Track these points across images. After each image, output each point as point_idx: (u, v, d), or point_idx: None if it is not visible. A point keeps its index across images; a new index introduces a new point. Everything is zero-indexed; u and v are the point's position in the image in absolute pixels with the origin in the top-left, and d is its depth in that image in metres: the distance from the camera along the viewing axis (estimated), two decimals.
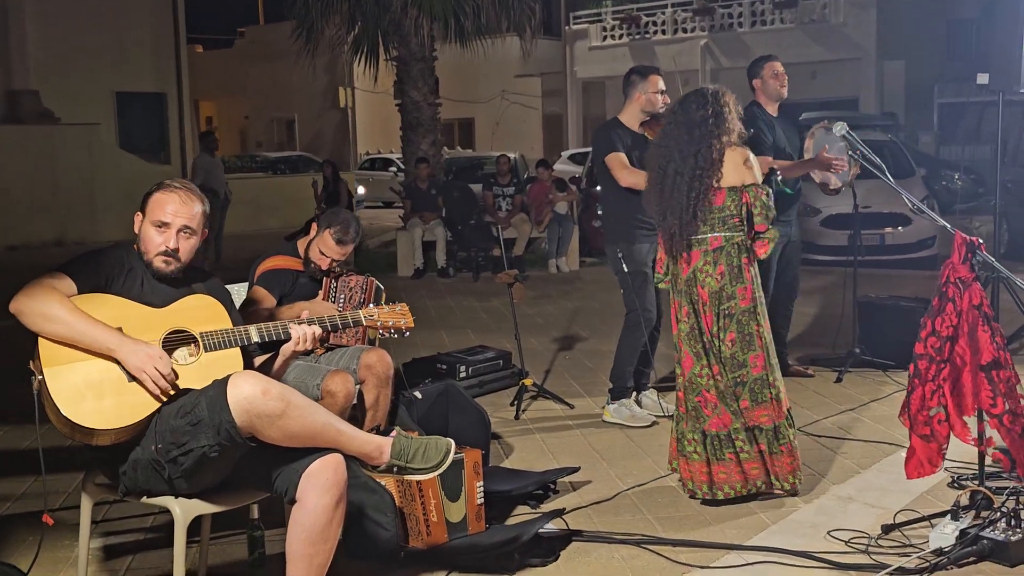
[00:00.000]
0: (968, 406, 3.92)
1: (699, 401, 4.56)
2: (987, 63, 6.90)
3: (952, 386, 3.96)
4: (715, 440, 4.52)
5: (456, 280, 12.55)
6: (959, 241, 4.04)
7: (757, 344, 4.55)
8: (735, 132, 4.62)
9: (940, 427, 4.04)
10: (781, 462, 4.52)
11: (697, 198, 4.54)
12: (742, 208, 4.57)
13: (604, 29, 30.40)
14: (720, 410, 4.52)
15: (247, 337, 3.30)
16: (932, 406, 4.01)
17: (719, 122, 4.58)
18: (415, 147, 14.64)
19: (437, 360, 6.76)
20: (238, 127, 39.13)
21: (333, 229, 4.78)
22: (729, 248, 4.57)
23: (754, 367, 4.53)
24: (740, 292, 4.56)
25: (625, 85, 5.92)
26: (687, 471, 4.59)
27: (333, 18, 14.44)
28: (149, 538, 4.29)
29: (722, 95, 4.65)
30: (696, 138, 4.57)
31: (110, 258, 3.29)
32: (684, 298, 4.65)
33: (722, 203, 4.56)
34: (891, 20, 26.03)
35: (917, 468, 4.11)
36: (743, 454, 4.49)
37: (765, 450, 4.51)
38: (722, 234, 4.57)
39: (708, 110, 4.59)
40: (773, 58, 6.63)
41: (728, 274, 4.56)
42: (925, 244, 11.99)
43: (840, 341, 7.24)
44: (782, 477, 4.53)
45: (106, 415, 3.03)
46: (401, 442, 3.34)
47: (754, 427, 4.52)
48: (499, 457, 5.31)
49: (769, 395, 4.53)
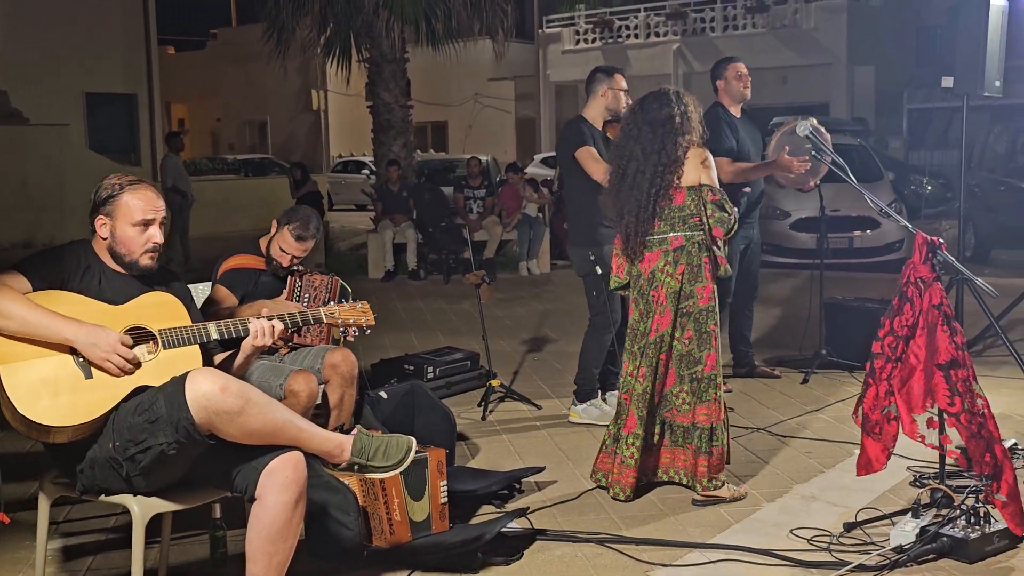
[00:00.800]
0: (917, 404, 3.95)
1: (626, 399, 4.66)
2: (952, 68, 6.94)
3: (901, 383, 3.99)
4: (620, 439, 4.63)
5: (427, 282, 12.54)
6: (920, 241, 4.07)
7: (711, 343, 4.59)
8: (696, 132, 4.64)
9: (889, 426, 4.08)
10: (708, 463, 4.55)
11: (658, 195, 4.56)
12: (702, 208, 4.58)
13: (577, 33, 30.48)
14: (628, 412, 4.62)
15: (206, 334, 3.28)
16: (884, 404, 4.04)
17: (683, 121, 4.60)
18: (386, 149, 14.63)
19: (405, 361, 6.75)
20: (210, 129, 38.95)
21: (292, 225, 4.76)
22: (690, 247, 4.58)
23: (707, 365, 4.58)
24: (699, 291, 4.58)
25: (589, 83, 5.92)
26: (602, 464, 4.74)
27: (304, 19, 14.42)
28: (110, 538, 4.26)
29: (683, 95, 4.69)
30: (660, 135, 4.58)
31: (67, 256, 3.26)
32: (640, 299, 4.68)
33: (682, 202, 4.58)
34: (861, 26, 26.25)
35: (865, 466, 4.16)
36: (630, 460, 4.58)
37: (694, 448, 4.58)
38: (682, 233, 4.59)
39: (674, 109, 4.61)
40: (736, 60, 6.65)
41: (688, 273, 4.58)
42: (893, 247, 12.09)
43: (807, 343, 7.28)
44: (704, 476, 4.55)
45: (63, 412, 3.01)
46: (362, 440, 3.33)
47: (691, 425, 4.58)
48: (465, 457, 5.30)
49: (713, 395, 4.57)
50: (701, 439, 4.56)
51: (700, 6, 28.55)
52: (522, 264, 13.11)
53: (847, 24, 26.17)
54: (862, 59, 26.35)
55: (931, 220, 15.75)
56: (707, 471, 4.54)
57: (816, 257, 7.45)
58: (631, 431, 4.59)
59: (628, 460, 4.58)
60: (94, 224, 3.32)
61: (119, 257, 3.31)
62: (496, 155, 25.83)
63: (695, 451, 4.57)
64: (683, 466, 4.65)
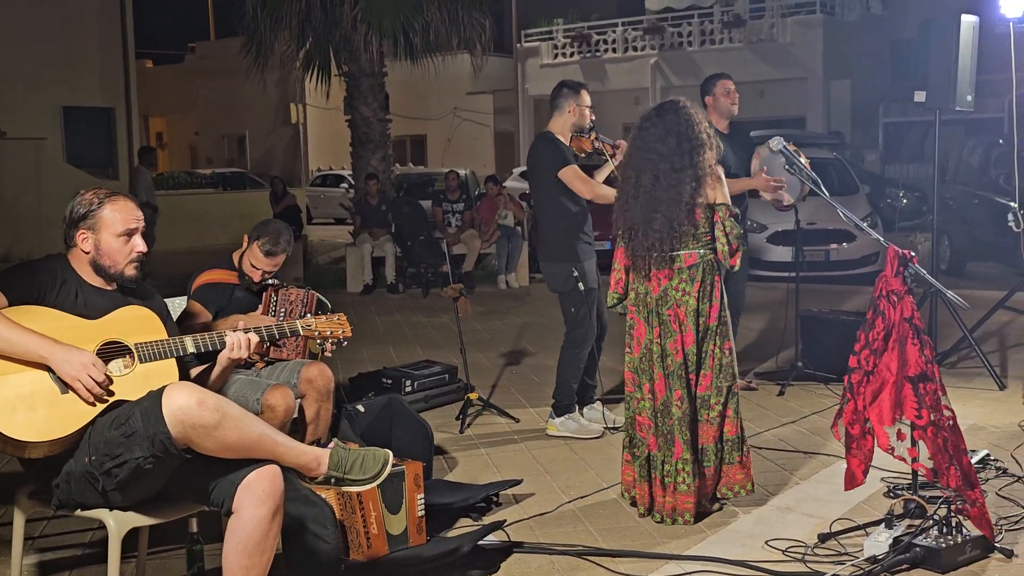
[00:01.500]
0: (887, 416, 3.99)
1: (671, 424, 4.48)
2: (925, 83, 7.02)
3: (873, 397, 4.03)
4: (669, 466, 4.48)
5: (405, 296, 12.54)
6: (891, 254, 4.12)
7: (708, 364, 4.53)
8: (716, 148, 4.56)
9: (865, 440, 4.12)
10: (744, 472, 4.57)
11: (689, 212, 4.45)
12: (712, 226, 4.52)
13: (555, 47, 30.58)
14: (674, 438, 4.46)
15: (183, 348, 3.29)
16: (864, 418, 4.09)
17: (708, 136, 4.50)
18: (365, 163, 14.64)
19: (382, 375, 6.76)
20: (188, 143, 38.84)
21: (262, 240, 4.75)
22: (704, 265, 4.51)
23: (699, 386, 4.54)
24: (708, 310, 4.53)
25: (555, 98, 5.93)
26: (646, 494, 4.54)
27: (283, 33, 14.39)
28: (87, 553, 4.25)
29: (698, 109, 4.60)
30: (688, 151, 4.44)
31: (42, 270, 3.27)
32: (655, 319, 4.54)
33: (699, 219, 4.50)
34: (837, 41, 26.45)
35: (850, 480, 4.19)
36: (689, 487, 4.44)
37: (736, 460, 4.56)
38: (697, 251, 4.51)
39: (701, 125, 4.49)
40: (725, 76, 6.69)
41: (702, 291, 4.51)
42: (869, 260, 12.19)
43: (783, 355, 7.33)
44: (748, 482, 4.59)
45: (38, 427, 3.01)
46: (339, 453, 3.33)
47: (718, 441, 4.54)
48: (443, 471, 5.31)
49: (705, 416, 4.53)
50: (731, 451, 4.56)
51: (677, 21, 28.71)
52: (500, 277, 13.14)
53: (823, 39, 26.37)
54: (838, 73, 26.55)
55: (907, 233, 15.89)
56: (744, 478, 4.56)
57: (793, 270, 7.51)
58: (679, 457, 4.43)
59: (682, 487, 4.43)
60: (75, 239, 3.32)
61: (103, 269, 3.32)
62: (475, 169, 25.86)
63: (734, 463, 4.56)
64: (737, 480, 4.58)
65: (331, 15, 14.06)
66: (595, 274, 5.89)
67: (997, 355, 7.67)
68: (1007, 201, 7.32)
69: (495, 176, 15.63)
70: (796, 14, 27.16)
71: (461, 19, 14.21)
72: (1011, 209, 7.20)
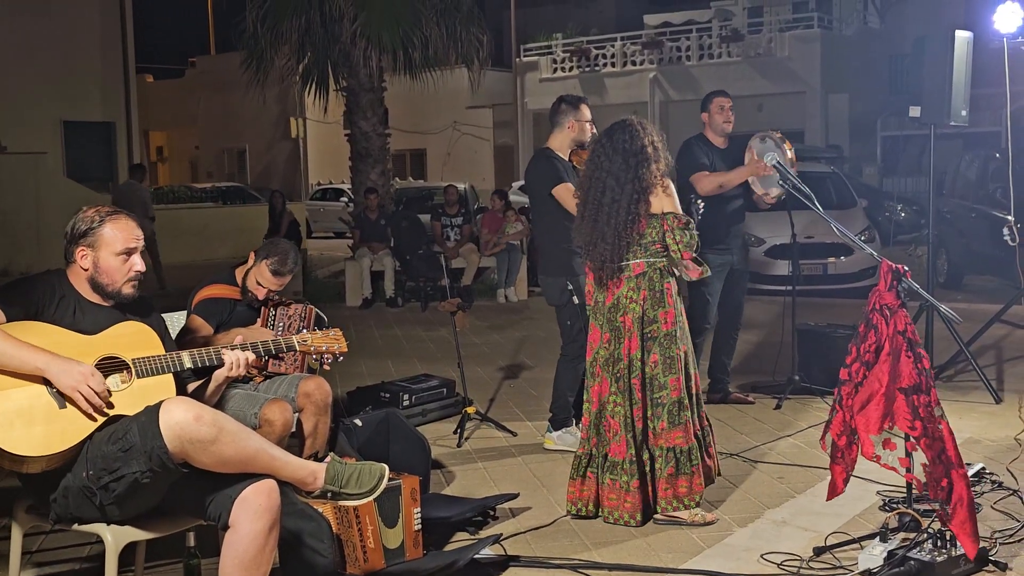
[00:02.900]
0: (874, 425, 4.01)
1: (605, 426, 4.69)
2: (920, 97, 7.07)
3: (860, 406, 4.06)
4: (612, 465, 4.64)
5: (404, 310, 12.57)
6: (885, 269, 4.15)
7: (677, 367, 4.65)
8: (664, 161, 4.74)
9: (850, 449, 4.14)
10: (689, 483, 4.59)
11: (632, 223, 4.64)
12: (663, 235, 4.66)
13: (554, 61, 30.71)
14: (620, 438, 4.63)
15: (180, 363, 3.32)
16: (846, 430, 4.11)
17: (654, 150, 4.70)
18: (364, 177, 14.68)
19: (380, 388, 6.77)
20: (188, 157, 38.93)
21: (270, 260, 4.77)
22: (651, 273, 4.67)
23: (673, 389, 4.63)
24: (662, 316, 4.66)
25: (554, 114, 5.98)
26: (578, 491, 4.71)
27: (283, 48, 14.46)
28: (84, 568, 4.26)
29: (647, 125, 4.80)
30: (633, 165, 4.67)
31: (40, 285, 3.29)
32: (606, 325, 4.75)
33: (644, 230, 4.67)
34: (835, 55, 26.57)
35: (832, 490, 4.22)
36: (628, 486, 4.59)
37: (673, 472, 4.59)
38: (644, 260, 4.68)
39: (644, 139, 4.71)
40: (722, 94, 6.74)
41: (651, 298, 4.66)
42: (867, 274, 12.20)
43: (780, 368, 7.35)
44: (686, 497, 4.59)
45: (36, 442, 3.03)
46: (335, 467, 3.36)
47: (670, 448, 4.61)
48: (440, 485, 5.33)
49: (684, 417, 4.63)
50: (680, 461, 4.59)
51: (676, 35, 28.85)
52: (500, 292, 13.16)
53: (821, 53, 26.50)
54: (836, 87, 26.66)
55: (904, 246, 15.92)
56: (688, 491, 4.58)
57: (791, 283, 7.53)
58: (624, 456, 4.60)
59: (626, 485, 4.59)
60: (75, 255, 3.35)
61: (101, 287, 3.34)
62: (475, 183, 25.93)
63: (673, 474, 4.59)
64: (683, 493, 4.62)
65: (331, 30, 14.13)
66: None
67: (994, 368, 7.68)
68: (1003, 215, 7.36)
69: (502, 191, 15.69)
70: (794, 28, 27.30)
71: (459, 34, 14.28)
72: (1007, 222, 7.23)
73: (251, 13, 14.31)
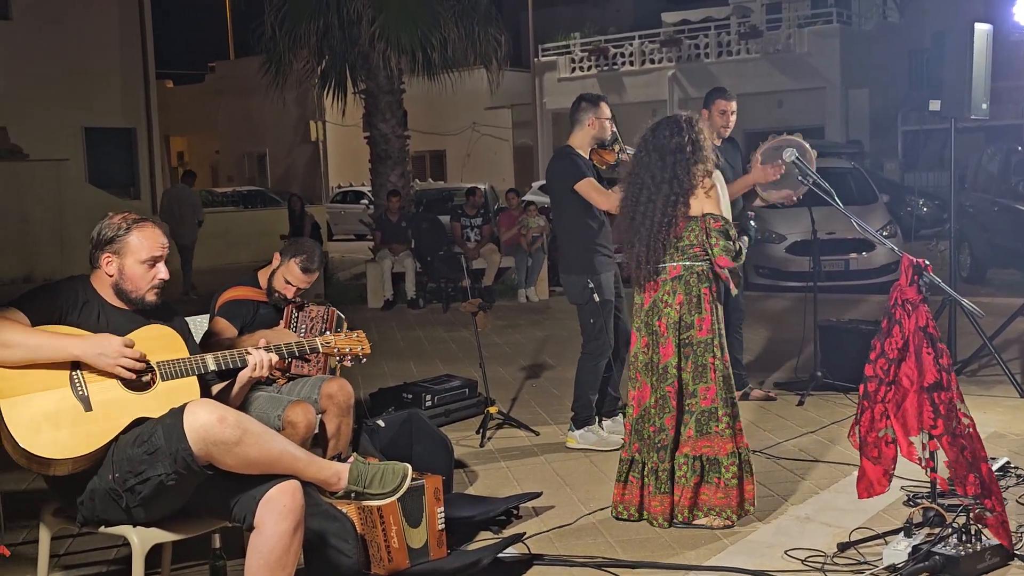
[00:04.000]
0: (913, 426, 4.00)
1: (652, 430, 4.60)
2: (940, 91, 7.03)
3: (897, 407, 4.04)
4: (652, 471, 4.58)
5: (426, 311, 12.59)
6: (906, 263, 4.13)
7: (710, 376, 4.55)
8: (710, 161, 4.60)
9: (887, 448, 4.12)
10: (711, 493, 4.52)
11: (669, 224, 4.52)
12: (703, 237, 4.55)
13: (573, 61, 30.70)
14: (634, 437, 4.63)
15: (204, 365, 3.34)
16: (880, 427, 4.09)
17: (695, 149, 4.55)
18: (384, 179, 14.73)
19: (403, 389, 6.79)
20: (209, 162, 39.12)
21: (299, 258, 4.82)
22: (688, 277, 4.56)
23: (703, 399, 4.55)
24: (698, 322, 4.56)
25: (574, 112, 5.98)
26: (619, 495, 4.66)
27: (301, 51, 14.52)
28: (111, 570, 4.30)
29: (696, 122, 4.64)
30: (670, 164, 4.54)
31: (64, 291, 3.33)
32: (644, 329, 4.65)
33: (681, 232, 4.56)
34: (854, 50, 26.44)
35: (867, 489, 4.19)
36: (655, 486, 4.55)
37: (698, 482, 4.53)
38: (681, 263, 4.57)
39: (684, 137, 4.56)
40: (725, 95, 6.60)
41: (687, 303, 4.56)
42: (888, 269, 12.14)
43: (802, 365, 7.33)
44: (705, 505, 4.53)
45: (63, 445, 3.06)
46: (359, 467, 3.38)
47: (696, 457, 4.54)
48: (463, 484, 5.34)
49: (715, 428, 4.53)
50: (706, 470, 4.54)
51: (694, 33, 28.78)
52: (521, 291, 13.18)
53: (840, 48, 26.38)
54: (856, 82, 26.53)
55: (927, 241, 15.84)
56: (708, 500, 4.51)
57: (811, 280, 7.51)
58: (657, 464, 4.56)
59: (656, 491, 4.54)
60: (100, 261, 3.38)
61: (124, 294, 3.37)
62: (494, 183, 25.97)
63: (698, 483, 4.53)
64: (718, 503, 4.54)
65: (349, 33, 14.18)
66: (612, 286, 5.91)
67: (1018, 362, 7.63)
68: None
69: (516, 189, 15.70)
70: (813, 24, 27.18)
71: (477, 35, 14.30)
72: None
73: (269, 17, 14.38)
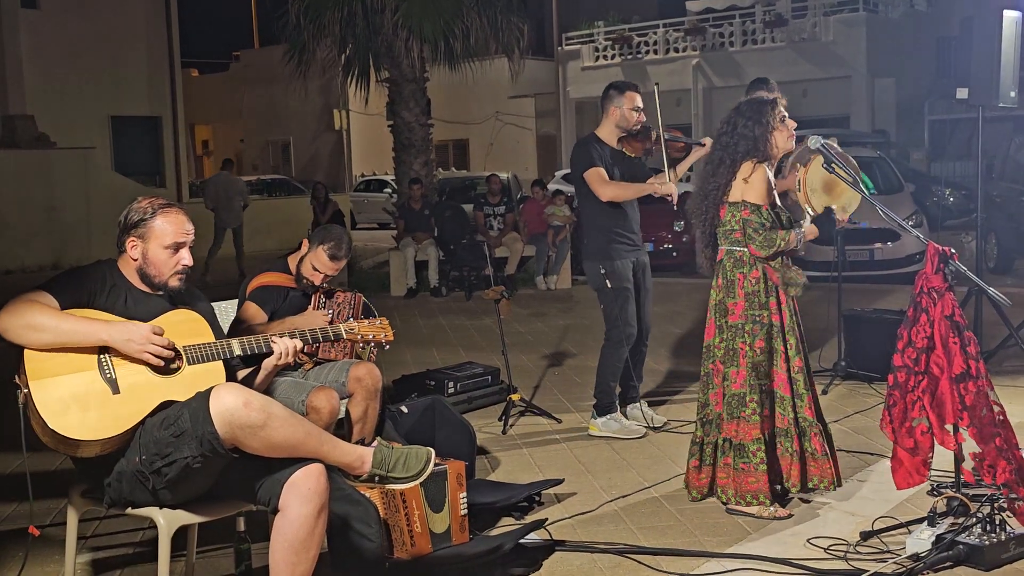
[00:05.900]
0: (948, 413, 3.98)
1: (699, 405, 4.74)
2: (968, 79, 6.99)
3: (931, 397, 4.03)
4: (737, 448, 4.58)
5: (448, 299, 12.62)
6: (931, 252, 4.11)
7: (739, 361, 4.56)
8: (771, 148, 4.60)
9: (923, 438, 4.11)
10: (738, 480, 4.53)
11: (716, 207, 4.64)
12: (742, 224, 4.57)
13: (596, 49, 30.58)
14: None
15: (230, 350, 3.37)
16: (915, 417, 4.08)
17: (760, 139, 4.56)
18: (407, 168, 14.74)
19: (426, 376, 6.82)
20: (234, 150, 39.24)
21: (327, 245, 4.86)
22: (727, 261, 4.63)
23: (733, 382, 4.57)
24: (731, 306, 4.60)
25: (603, 100, 5.98)
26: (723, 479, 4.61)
27: (325, 40, 14.54)
28: (138, 552, 4.34)
29: (768, 111, 4.62)
30: (728, 145, 4.62)
31: (91, 275, 3.36)
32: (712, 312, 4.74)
33: (723, 216, 4.63)
34: (880, 38, 26.21)
35: (906, 479, 4.19)
36: (699, 459, 4.68)
37: (731, 462, 4.55)
38: (725, 247, 4.65)
39: (752, 122, 4.58)
40: (768, 86, 6.35)
41: (725, 287, 4.63)
42: (914, 259, 12.07)
43: (826, 354, 7.30)
44: (736, 491, 4.54)
45: (91, 427, 3.09)
46: (382, 452, 3.40)
47: (725, 439, 4.58)
48: (486, 471, 5.36)
49: (743, 413, 4.53)
50: (736, 454, 4.54)
51: (719, 21, 28.60)
52: (539, 279, 13.18)
53: (866, 37, 26.15)
54: (882, 71, 26.31)
55: (954, 231, 15.72)
56: (737, 486, 4.52)
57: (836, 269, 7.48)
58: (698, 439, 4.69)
59: (701, 464, 4.66)
60: (124, 245, 3.41)
61: (148, 278, 3.40)
62: (517, 172, 25.95)
63: (727, 465, 4.55)
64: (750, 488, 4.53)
65: (372, 22, 14.19)
66: (630, 274, 5.88)
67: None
68: None
69: (541, 180, 15.70)
70: (839, 12, 26.94)
71: (500, 23, 14.28)
72: None
73: (293, 6, 14.42)
